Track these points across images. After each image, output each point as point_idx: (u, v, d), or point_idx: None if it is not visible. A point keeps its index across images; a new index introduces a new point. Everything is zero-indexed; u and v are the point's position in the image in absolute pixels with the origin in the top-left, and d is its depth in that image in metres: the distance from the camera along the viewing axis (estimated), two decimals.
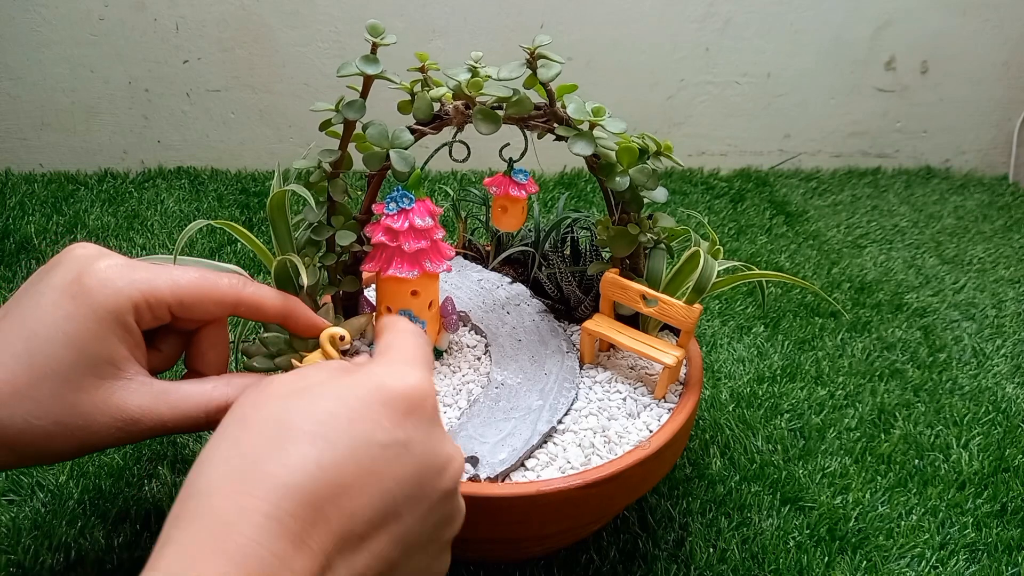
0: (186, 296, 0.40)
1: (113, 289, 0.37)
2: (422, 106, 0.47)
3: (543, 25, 1.11)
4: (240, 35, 1.07)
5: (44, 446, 0.36)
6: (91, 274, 0.37)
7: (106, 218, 0.94)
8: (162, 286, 0.39)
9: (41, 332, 0.36)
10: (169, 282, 0.39)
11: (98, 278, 0.37)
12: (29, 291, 0.38)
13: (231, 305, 0.42)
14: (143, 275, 0.39)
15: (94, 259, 0.38)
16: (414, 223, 0.48)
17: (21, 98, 1.06)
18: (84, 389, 0.37)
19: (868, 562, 0.54)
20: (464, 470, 0.40)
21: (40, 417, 0.36)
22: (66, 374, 0.36)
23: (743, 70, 1.19)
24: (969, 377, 0.74)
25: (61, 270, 0.38)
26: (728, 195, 1.12)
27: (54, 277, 0.38)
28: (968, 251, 1.01)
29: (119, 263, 0.38)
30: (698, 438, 0.64)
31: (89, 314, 0.36)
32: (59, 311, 0.36)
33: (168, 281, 0.39)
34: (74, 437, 0.37)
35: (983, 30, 1.21)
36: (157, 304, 0.39)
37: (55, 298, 0.37)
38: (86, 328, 0.36)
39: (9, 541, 0.51)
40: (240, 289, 0.42)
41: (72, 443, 0.37)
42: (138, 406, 0.38)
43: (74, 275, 0.37)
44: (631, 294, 0.51)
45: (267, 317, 0.43)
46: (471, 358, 0.54)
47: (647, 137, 0.49)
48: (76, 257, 0.38)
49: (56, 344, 0.36)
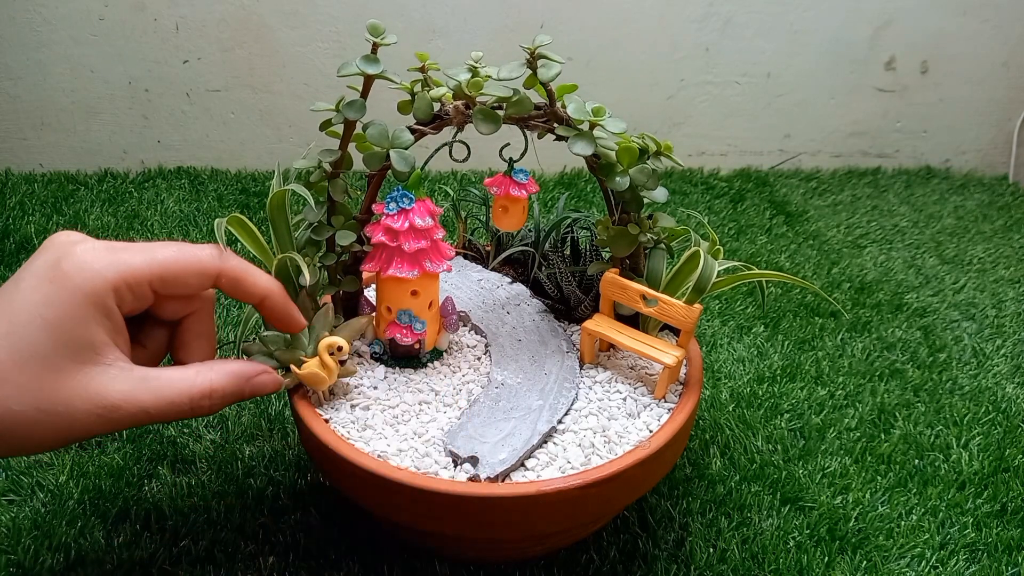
0: (166, 271, 0.39)
1: (91, 272, 0.37)
2: (422, 106, 0.47)
3: (543, 25, 1.11)
4: (240, 35, 1.07)
5: (25, 434, 0.36)
6: (69, 258, 0.37)
7: (106, 218, 0.94)
8: (140, 263, 0.39)
9: (21, 317, 0.36)
10: (147, 259, 0.39)
11: (76, 261, 0.37)
12: (13, 279, 0.38)
13: (212, 276, 0.41)
14: (121, 256, 0.38)
15: (73, 244, 0.38)
16: (414, 223, 0.48)
17: (21, 98, 1.06)
18: (64, 373, 0.36)
19: (868, 562, 0.54)
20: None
21: (21, 403, 0.35)
22: (45, 358, 0.36)
23: (743, 70, 1.19)
24: (969, 377, 0.74)
25: (42, 256, 0.38)
26: (728, 195, 1.12)
27: (34, 263, 0.38)
28: (968, 251, 1.01)
29: (98, 246, 0.38)
30: (698, 438, 0.64)
31: (68, 297, 0.36)
32: (37, 295, 0.36)
33: (146, 258, 0.39)
34: (54, 424, 0.36)
35: (983, 30, 1.21)
36: (137, 283, 0.38)
37: (34, 283, 0.37)
38: (64, 312, 0.36)
39: (9, 541, 0.51)
40: (223, 260, 0.41)
41: (53, 431, 0.37)
42: (118, 391, 0.38)
43: (53, 260, 0.37)
44: (631, 294, 0.51)
45: (247, 293, 0.43)
46: (471, 358, 0.54)
47: (647, 137, 0.49)
48: (57, 243, 0.38)
49: (35, 328, 0.36)
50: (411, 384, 0.50)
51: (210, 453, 0.59)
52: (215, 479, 0.57)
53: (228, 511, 0.55)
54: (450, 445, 0.45)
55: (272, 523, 0.54)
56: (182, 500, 0.55)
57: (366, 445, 0.45)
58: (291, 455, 0.60)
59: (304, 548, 0.52)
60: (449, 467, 0.44)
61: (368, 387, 0.50)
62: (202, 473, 0.58)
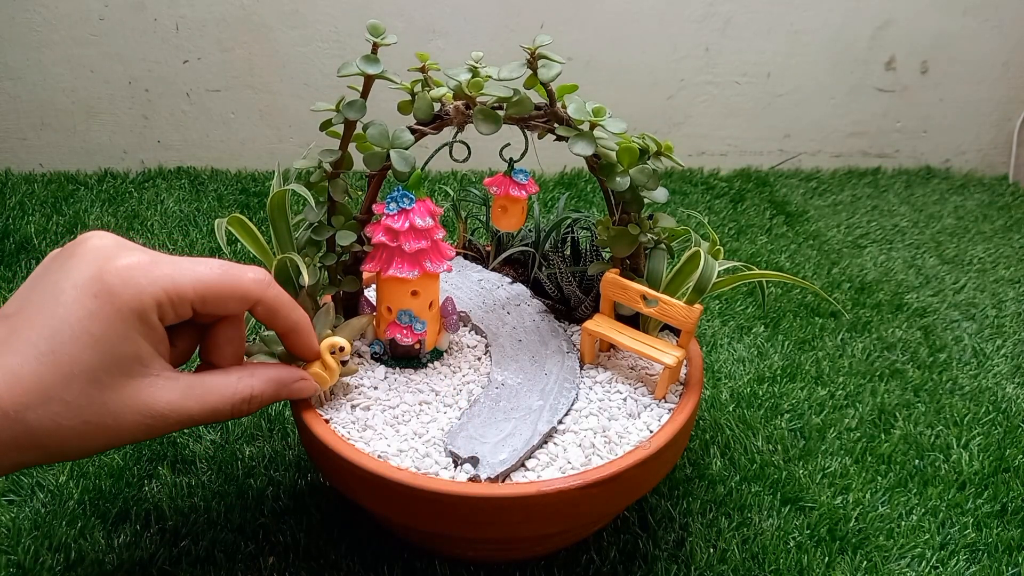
0: (209, 292, 0.39)
1: (136, 288, 0.37)
2: (422, 106, 0.47)
3: (543, 25, 1.11)
4: (240, 35, 1.07)
5: (73, 444, 0.36)
6: (113, 272, 0.36)
7: (106, 218, 0.94)
8: (185, 283, 0.38)
9: (65, 332, 0.35)
10: (192, 279, 0.38)
11: (120, 276, 0.36)
12: (45, 286, 0.37)
13: (253, 301, 0.41)
14: (166, 271, 0.38)
15: (114, 254, 0.37)
16: (414, 223, 0.48)
17: (21, 98, 1.06)
18: (112, 388, 0.36)
19: (868, 562, 0.54)
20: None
21: (69, 418, 0.35)
22: (93, 374, 0.36)
23: (743, 70, 1.19)
24: (969, 377, 0.74)
25: (79, 265, 0.37)
26: (728, 195, 1.12)
27: (73, 272, 0.37)
28: (968, 251, 1.00)
29: (142, 260, 0.38)
30: (698, 438, 0.64)
31: (113, 313, 0.36)
32: (82, 310, 0.36)
33: (191, 278, 0.38)
34: (102, 435, 0.37)
35: (983, 30, 1.21)
36: (180, 302, 0.38)
37: (76, 296, 0.36)
38: (111, 328, 0.36)
39: (9, 541, 0.51)
40: (264, 288, 0.41)
41: (100, 440, 0.37)
42: (167, 402, 0.38)
43: (94, 271, 0.36)
44: (631, 294, 0.51)
45: (277, 323, 0.43)
46: (471, 358, 0.54)
47: (647, 137, 0.49)
48: (94, 249, 0.37)
49: (81, 344, 0.35)
50: (411, 384, 0.50)
51: (210, 453, 0.59)
52: (215, 479, 0.57)
53: (228, 511, 0.55)
54: (450, 445, 0.45)
55: (272, 523, 0.54)
56: (182, 500, 0.55)
57: (366, 445, 0.45)
58: (291, 455, 0.60)
59: (304, 548, 0.52)
60: (449, 467, 0.44)
61: (368, 387, 0.50)
62: (202, 473, 0.58)
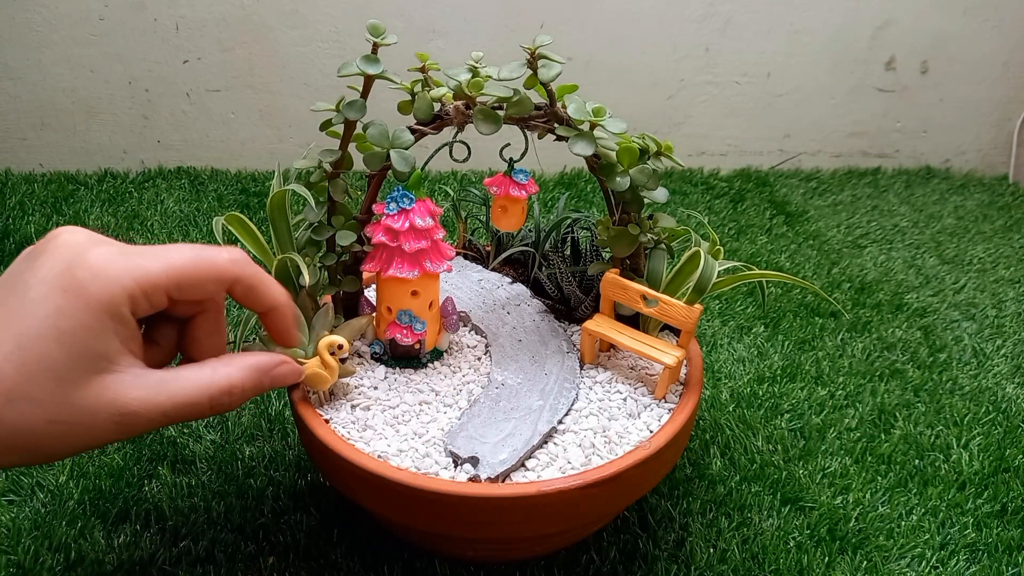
0: (183, 277, 0.38)
1: (106, 280, 0.35)
2: (422, 106, 0.47)
3: (543, 25, 1.11)
4: (240, 35, 1.07)
5: (49, 444, 0.35)
6: (82, 265, 0.35)
7: (106, 218, 0.94)
8: (157, 270, 0.37)
9: (32, 329, 0.34)
10: (164, 265, 0.37)
11: (91, 270, 0.35)
12: (15, 284, 0.36)
13: (228, 282, 0.40)
14: (137, 261, 0.37)
15: (84, 249, 0.36)
16: (414, 223, 0.48)
17: (21, 98, 1.06)
18: (80, 386, 0.35)
19: (868, 562, 0.54)
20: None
21: (38, 417, 0.34)
22: (60, 372, 0.34)
23: (743, 70, 1.19)
24: (969, 377, 0.74)
25: (49, 260, 0.35)
26: (728, 195, 1.12)
27: (42, 268, 0.35)
28: (968, 251, 1.00)
29: (111, 251, 0.36)
30: (698, 438, 0.64)
31: (82, 307, 0.35)
32: (49, 305, 0.34)
33: (163, 264, 0.37)
34: (72, 435, 0.35)
35: (983, 30, 1.21)
36: (153, 290, 0.37)
37: (44, 291, 0.35)
38: (79, 323, 0.35)
39: (9, 541, 0.51)
40: (242, 267, 0.40)
41: (71, 441, 0.36)
42: (136, 399, 0.36)
43: (64, 266, 0.35)
44: (631, 294, 0.51)
45: (258, 302, 0.42)
46: (471, 358, 0.54)
47: (647, 137, 0.49)
48: (65, 244, 0.36)
49: (48, 340, 0.34)
50: (411, 384, 0.50)
51: (210, 453, 0.59)
52: (215, 479, 0.57)
53: (228, 511, 0.55)
54: (450, 445, 0.45)
55: (272, 523, 0.54)
56: (182, 500, 0.55)
57: (366, 445, 0.45)
58: (291, 455, 0.60)
59: (304, 548, 0.52)
60: (449, 467, 0.44)
61: (368, 387, 0.50)
62: (202, 473, 0.58)
